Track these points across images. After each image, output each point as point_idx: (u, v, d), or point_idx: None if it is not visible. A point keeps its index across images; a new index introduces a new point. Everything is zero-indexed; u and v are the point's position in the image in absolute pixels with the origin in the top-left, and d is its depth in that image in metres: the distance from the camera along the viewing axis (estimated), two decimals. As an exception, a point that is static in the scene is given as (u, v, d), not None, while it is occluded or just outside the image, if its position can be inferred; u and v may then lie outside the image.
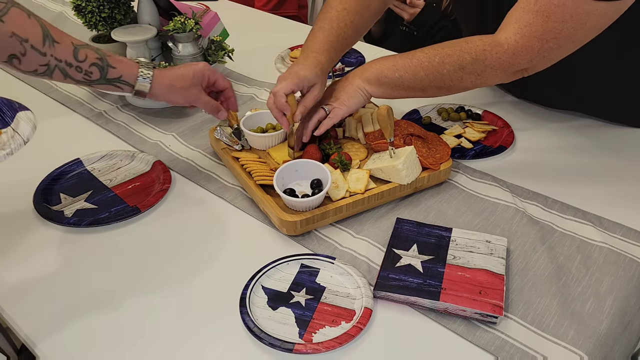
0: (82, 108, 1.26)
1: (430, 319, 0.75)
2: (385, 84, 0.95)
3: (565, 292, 0.79)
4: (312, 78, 0.95)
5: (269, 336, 0.71)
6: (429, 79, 0.92)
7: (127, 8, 1.25)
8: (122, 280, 0.82)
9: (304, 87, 0.95)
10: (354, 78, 0.98)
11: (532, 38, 0.83)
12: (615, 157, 1.07)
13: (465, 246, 0.83)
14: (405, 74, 0.93)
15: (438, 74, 0.91)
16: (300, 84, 0.93)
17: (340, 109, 0.97)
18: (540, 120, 1.18)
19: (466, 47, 0.89)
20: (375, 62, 0.97)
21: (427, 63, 0.91)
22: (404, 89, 0.95)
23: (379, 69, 0.95)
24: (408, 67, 0.93)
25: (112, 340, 0.73)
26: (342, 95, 0.98)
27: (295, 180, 0.94)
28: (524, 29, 0.83)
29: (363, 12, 1.04)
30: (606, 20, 0.82)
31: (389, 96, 0.98)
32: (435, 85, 0.93)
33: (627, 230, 0.89)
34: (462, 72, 0.90)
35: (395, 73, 0.94)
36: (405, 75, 0.93)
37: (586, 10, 0.79)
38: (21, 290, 0.80)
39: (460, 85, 0.93)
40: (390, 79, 0.94)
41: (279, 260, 0.83)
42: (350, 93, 0.97)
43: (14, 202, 0.97)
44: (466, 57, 0.88)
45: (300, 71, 0.94)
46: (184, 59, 1.19)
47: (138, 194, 0.99)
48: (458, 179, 1.01)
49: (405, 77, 0.93)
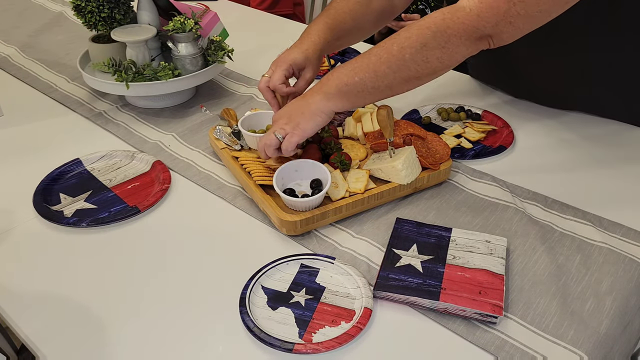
0: (82, 108, 1.26)
1: (430, 319, 0.75)
2: (348, 93, 0.87)
3: (565, 292, 0.79)
4: (302, 62, 0.95)
5: (268, 336, 0.71)
6: (392, 72, 0.84)
7: (126, 8, 1.25)
8: (122, 280, 0.82)
9: (295, 72, 0.96)
10: (312, 96, 0.89)
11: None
12: (615, 157, 1.07)
13: (465, 246, 0.83)
14: (366, 74, 0.85)
15: (400, 62, 0.83)
16: (290, 69, 0.95)
17: (293, 134, 0.88)
18: (540, 120, 1.18)
19: (424, 23, 0.82)
20: (332, 73, 0.88)
21: (386, 55, 0.83)
22: (369, 92, 0.86)
23: (337, 78, 0.87)
24: (367, 66, 0.85)
25: (112, 340, 0.73)
26: (298, 118, 0.89)
27: (295, 180, 0.94)
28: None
29: (365, 9, 1.03)
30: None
31: (354, 105, 0.89)
32: (401, 76, 0.84)
33: (627, 230, 0.89)
34: (425, 51, 0.81)
35: (355, 77, 0.85)
36: (366, 76, 0.85)
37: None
38: (21, 290, 0.80)
39: (428, 68, 0.83)
40: (352, 85, 0.86)
41: (279, 260, 0.83)
42: (307, 115, 0.88)
43: (13, 202, 0.97)
44: (426, 33, 0.81)
45: (290, 55, 0.95)
46: (184, 59, 1.19)
47: (138, 194, 0.99)
48: (458, 179, 1.01)
49: (367, 78, 0.85)
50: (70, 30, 1.69)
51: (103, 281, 0.82)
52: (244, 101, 1.28)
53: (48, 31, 1.68)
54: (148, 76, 1.16)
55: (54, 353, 0.72)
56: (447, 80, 1.37)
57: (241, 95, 1.31)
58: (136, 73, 1.16)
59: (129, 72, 1.15)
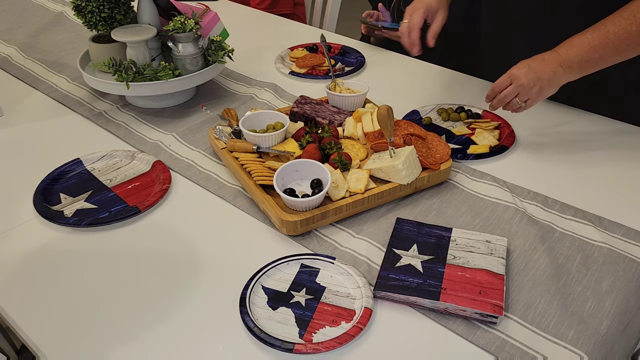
0: (82, 108, 1.26)
1: (430, 319, 0.75)
2: (587, 68, 0.96)
3: (565, 292, 0.79)
4: (435, 5, 1.11)
5: (269, 336, 0.71)
6: (630, 48, 0.93)
7: (127, 8, 1.25)
8: (122, 280, 0.82)
9: (430, 15, 1.12)
10: (554, 66, 0.96)
11: None
12: (615, 157, 1.07)
13: (465, 246, 0.83)
14: (606, 52, 0.93)
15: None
16: (426, 12, 1.11)
17: (534, 101, 1.00)
18: (540, 120, 1.18)
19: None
20: (570, 47, 0.96)
21: (625, 35, 0.91)
22: (602, 66, 0.96)
23: (579, 55, 0.95)
24: (606, 45, 0.92)
25: (112, 340, 0.73)
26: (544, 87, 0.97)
27: (295, 180, 0.94)
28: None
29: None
30: None
31: (580, 77, 0.98)
32: (635, 52, 0.94)
33: (627, 230, 0.89)
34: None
35: (595, 54, 0.93)
36: (606, 54, 0.93)
37: None
38: (21, 290, 0.80)
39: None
40: (592, 62, 0.94)
41: (279, 260, 0.83)
42: (552, 86, 0.97)
43: (14, 202, 0.97)
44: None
45: (425, 0, 1.09)
46: (184, 59, 1.19)
47: (138, 194, 0.99)
48: (458, 179, 1.01)
49: (606, 55, 0.94)
50: (70, 30, 1.69)
51: (103, 281, 0.82)
52: (244, 101, 1.28)
53: (48, 31, 1.68)
54: (148, 76, 1.16)
55: (54, 353, 0.72)
56: (447, 81, 1.38)
57: (241, 95, 1.31)
58: (136, 73, 1.16)
59: (129, 72, 1.15)
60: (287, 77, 1.40)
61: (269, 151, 1.00)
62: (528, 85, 0.97)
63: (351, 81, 1.21)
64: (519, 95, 0.99)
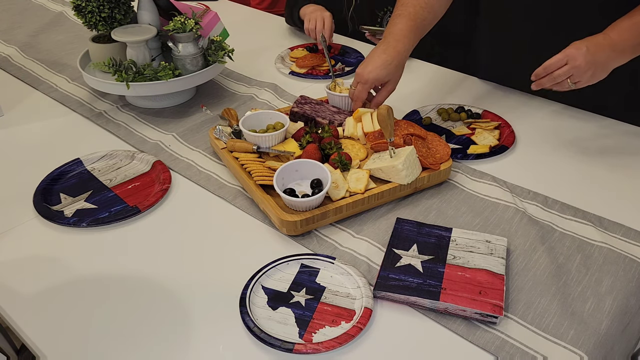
0: (82, 108, 1.26)
1: (430, 319, 0.75)
2: (638, 52, 0.95)
3: (565, 292, 0.79)
4: (384, 78, 1.05)
5: (269, 336, 0.71)
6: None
7: (127, 8, 1.25)
8: (122, 280, 0.82)
9: (377, 86, 1.08)
10: (605, 52, 0.94)
11: None
12: (615, 157, 1.07)
13: (465, 246, 0.83)
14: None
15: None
16: (372, 85, 1.06)
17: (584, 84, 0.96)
18: (540, 120, 1.18)
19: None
20: (622, 31, 0.94)
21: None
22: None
23: (631, 39, 0.94)
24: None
25: (112, 340, 0.73)
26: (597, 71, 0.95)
27: (295, 180, 0.94)
28: None
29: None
30: None
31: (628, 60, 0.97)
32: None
33: (627, 230, 0.89)
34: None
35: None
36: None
37: None
38: (21, 290, 0.80)
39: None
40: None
41: (279, 260, 0.83)
42: (605, 71, 0.95)
43: (14, 202, 0.97)
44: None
45: (372, 73, 1.04)
46: (184, 59, 1.19)
47: (138, 194, 0.99)
48: (458, 179, 1.01)
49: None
50: (70, 30, 1.69)
51: (103, 281, 0.82)
52: (244, 101, 1.28)
53: (48, 31, 1.68)
54: (148, 76, 1.16)
55: (54, 353, 0.72)
56: (447, 81, 1.38)
57: (241, 95, 1.31)
58: (136, 73, 1.16)
59: (129, 72, 1.15)
60: (287, 77, 1.40)
61: (269, 151, 1.00)
62: (584, 67, 0.93)
63: (351, 81, 1.21)
64: (572, 77, 0.94)
